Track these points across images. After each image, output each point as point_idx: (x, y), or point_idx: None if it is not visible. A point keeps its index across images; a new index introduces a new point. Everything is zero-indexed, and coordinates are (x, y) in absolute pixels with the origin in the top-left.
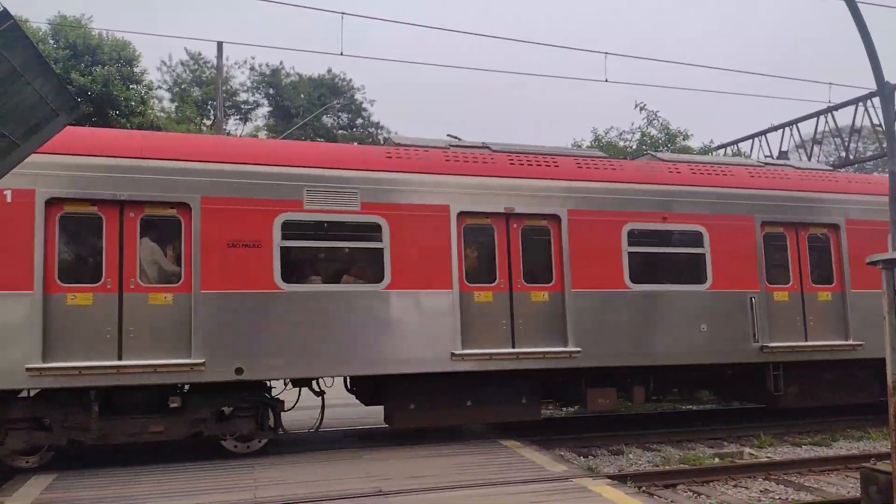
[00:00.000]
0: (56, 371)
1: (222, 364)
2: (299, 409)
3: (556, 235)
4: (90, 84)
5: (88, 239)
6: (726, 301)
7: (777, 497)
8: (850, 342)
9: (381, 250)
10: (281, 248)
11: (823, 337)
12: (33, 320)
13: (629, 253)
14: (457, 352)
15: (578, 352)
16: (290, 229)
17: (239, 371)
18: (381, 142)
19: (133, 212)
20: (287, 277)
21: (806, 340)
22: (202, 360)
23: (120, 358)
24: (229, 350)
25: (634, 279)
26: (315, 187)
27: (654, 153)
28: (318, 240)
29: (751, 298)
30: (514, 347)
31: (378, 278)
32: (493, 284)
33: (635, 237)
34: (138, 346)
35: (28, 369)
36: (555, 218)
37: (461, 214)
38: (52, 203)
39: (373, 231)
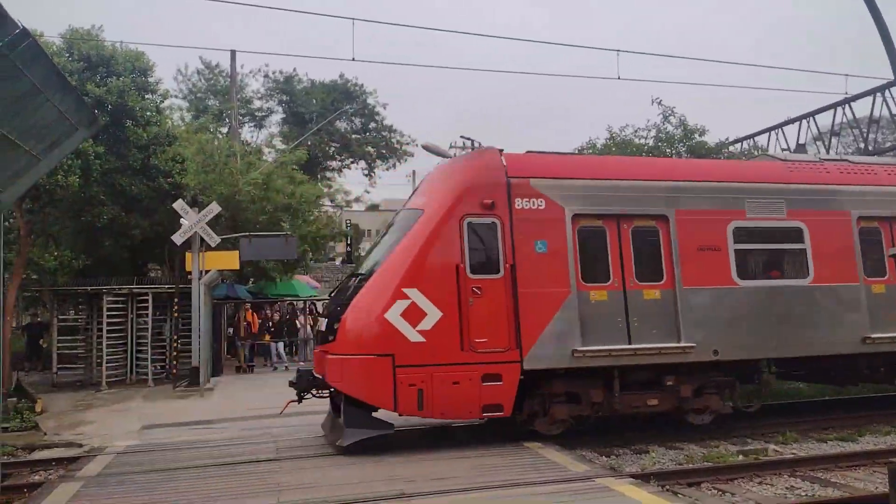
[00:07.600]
0: (594, 353)
1: (705, 348)
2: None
3: None
4: (106, 95)
5: (598, 246)
6: None
7: (803, 493)
8: None
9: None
10: (735, 250)
11: None
12: (573, 314)
13: None
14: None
15: None
16: (737, 234)
17: (715, 353)
18: (397, 145)
19: (625, 224)
20: (741, 275)
21: None
22: (692, 345)
23: (630, 342)
24: (709, 335)
25: None
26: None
27: None
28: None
29: None
30: None
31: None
32: (884, 278)
33: None
34: (641, 333)
35: (574, 352)
36: None
37: (860, 219)
38: (575, 218)
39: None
